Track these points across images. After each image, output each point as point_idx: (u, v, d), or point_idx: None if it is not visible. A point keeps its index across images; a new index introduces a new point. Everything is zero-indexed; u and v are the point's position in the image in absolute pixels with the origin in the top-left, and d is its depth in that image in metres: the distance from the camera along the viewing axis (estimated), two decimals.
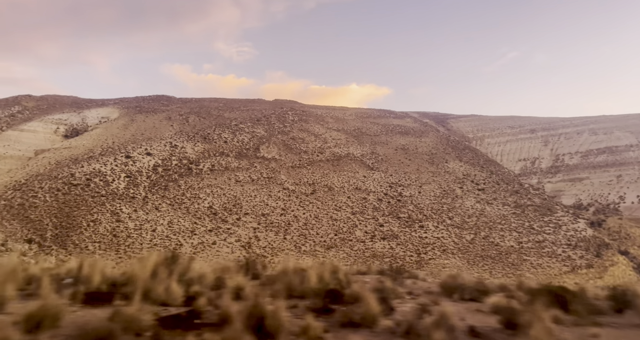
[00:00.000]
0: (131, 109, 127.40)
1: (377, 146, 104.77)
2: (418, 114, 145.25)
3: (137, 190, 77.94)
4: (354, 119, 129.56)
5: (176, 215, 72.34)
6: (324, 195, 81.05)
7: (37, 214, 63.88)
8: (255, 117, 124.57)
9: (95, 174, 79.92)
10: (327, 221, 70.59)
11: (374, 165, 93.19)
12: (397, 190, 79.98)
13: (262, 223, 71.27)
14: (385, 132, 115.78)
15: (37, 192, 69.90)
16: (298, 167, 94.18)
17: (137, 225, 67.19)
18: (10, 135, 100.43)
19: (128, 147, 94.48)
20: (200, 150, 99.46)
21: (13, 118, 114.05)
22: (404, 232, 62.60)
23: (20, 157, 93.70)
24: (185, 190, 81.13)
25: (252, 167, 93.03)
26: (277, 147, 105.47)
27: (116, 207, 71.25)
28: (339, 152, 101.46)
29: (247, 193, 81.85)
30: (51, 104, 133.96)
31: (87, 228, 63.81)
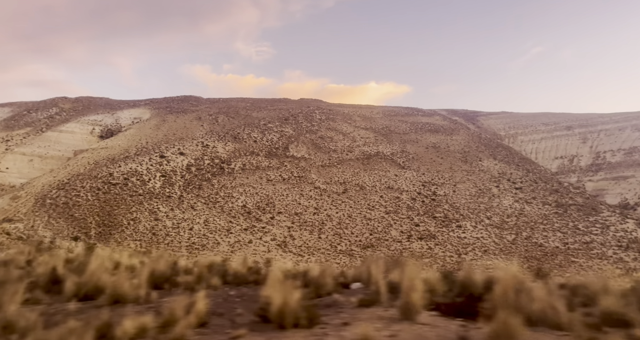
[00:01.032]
0: (162, 110, 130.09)
1: (407, 144, 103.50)
2: (446, 112, 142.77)
3: (172, 190, 79.50)
4: (382, 117, 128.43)
5: (211, 214, 73.38)
6: (356, 194, 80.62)
7: (81, 212, 65.97)
8: (282, 117, 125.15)
9: (132, 173, 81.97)
10: (360, 220, 70.18)
11: (405, 163, 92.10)
12: (430, 189, 78.79)
13: (296, 222, 71.47)
14: (414, 130, 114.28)
15: (79, 191, 72.20)
16: (328, 166, 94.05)
17: (174, 224, 68.53)
18: (50, 136, 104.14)
19: (162, 146, 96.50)
20: (231, 149, 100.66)
21: (52, 119, 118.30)
22: (441, 232, 61.58)
23: (60, 157, 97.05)
24: (219, 189, 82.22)
25: (282, 166, 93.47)
26: (306, 146, 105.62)
27: (154, 205, 72.87)
28: (369, 151, 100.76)
29: (279, 192, 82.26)
30: (86, 106, 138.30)
31: (127, 226, 65.51)
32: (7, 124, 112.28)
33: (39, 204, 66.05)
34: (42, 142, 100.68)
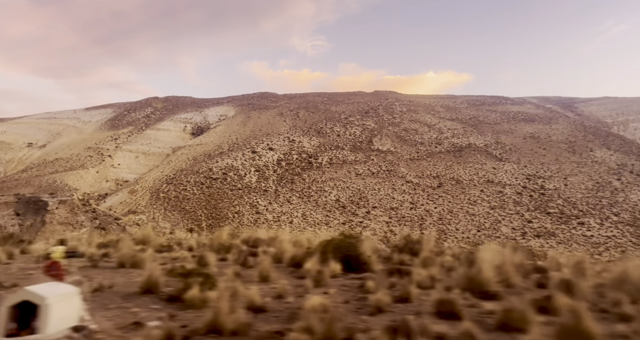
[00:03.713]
0: (245, 107, 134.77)
1: (501, 135, 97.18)
2: (537, 99, 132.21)
3: (267, 184, 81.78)
4: (467, 107, 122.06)
5: (307, 207, 74.34)
6: (453, 188, 77.18)
7: (191, 205, 70.10)
8: (362, 110, 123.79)
9: (229, 168, 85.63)
10: (463, 216, 66.95)
11: (502, 155, 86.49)
12: (537, 182, 73.10)
13: (393, 217, 70.02)
14: (506, 120, 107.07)
15: (185, 186, 76.82)
16: (417, 159, 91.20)
17: (274, 217, 70.37)
18: (150, 134, 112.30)
19: (251, 142, 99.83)
20: (316, 144, 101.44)
21: (148, 118, 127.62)
22: (561, 230, 56.64)
23: (160, 153, 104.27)
24: (310, 183, 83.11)
25: (369, 160, 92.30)
26: (390, 139, 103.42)
27: (253, 199, 75.44)
28: (459, 143, 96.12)
29: (370, 186, 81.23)
30: (174, 105, 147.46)
31: (233, 219, 68.42)
32: (112, 123, 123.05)
33: (154, 198, 71.22)
34: (144, 139, 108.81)
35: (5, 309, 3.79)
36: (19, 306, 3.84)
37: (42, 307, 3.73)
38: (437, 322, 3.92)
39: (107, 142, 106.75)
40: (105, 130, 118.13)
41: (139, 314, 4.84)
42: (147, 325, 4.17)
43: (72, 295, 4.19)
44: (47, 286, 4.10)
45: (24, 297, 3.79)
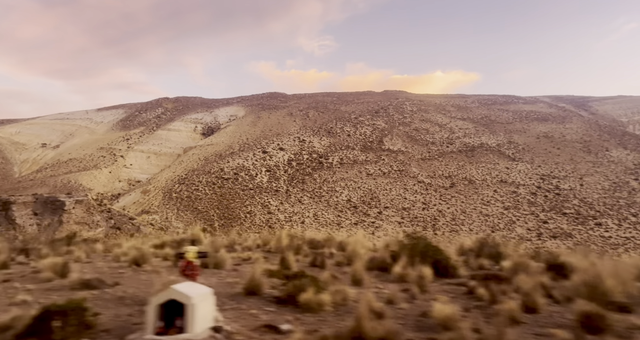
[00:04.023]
0: (254, 107, 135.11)
1: (514, 135, 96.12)
2: (549, 98, 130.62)
3: (278, 184, 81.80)
4: (478, 107, 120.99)
5: (319, 207, 74.20)
6: (465, 188, 76.48)
7: (203, 205, 70.38)
8: (372, 109, 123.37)
9: (240, 168, 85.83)
10: (477, 216, 66.29)
11: (515, 155, 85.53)
12: (551, 182, 72.13)
13: (406, 217, 69.57)
14: (518, 119, 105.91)
15: (197, 186, 77.15)
16: (428, 159, 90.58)
17: (286, 217, 70.33)
18: (161, 134, 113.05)
19: (262, 142, 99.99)
20: (326, 144, 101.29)
21: (159, 119, 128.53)
22: (578, 231, 55.79)
23: (171, 153, 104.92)
24: (321, 183, 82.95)
25: (380, 160, 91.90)
26: (401, 139, 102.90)
27: (264, 199, 75.49)
28: (471, 143, 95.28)
29: (382, 186, 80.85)
30: (185, 105, 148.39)
31: (245, 219, 68.55)
32: (123, 124, 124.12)
33: (167, 198, 71.63)
34: (155, 140, 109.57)
35: (153, 307, 3.77)
36: (164, 305, 3.83)
37: (189, 307, 3.71)
38: (590, 338, 3.64)
39: (119, 142, 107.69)
40: (117, 131, 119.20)
41: (259, 316, 4.73)
42: (281, 329, 4.07)
43: (209, 296, 4.17)
44: (188, 286, 4.08)
45: (171, 296, 3.77)
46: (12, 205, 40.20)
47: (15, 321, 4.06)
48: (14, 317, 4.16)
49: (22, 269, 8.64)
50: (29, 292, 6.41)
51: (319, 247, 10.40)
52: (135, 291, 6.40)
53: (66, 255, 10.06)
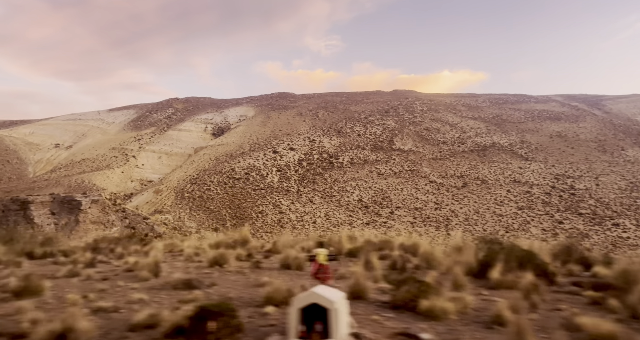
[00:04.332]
0: (264, 107, 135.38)
1: (526, 134, 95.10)
2: (562, 97, 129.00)
3: (289, 184, 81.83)
4: (489, 106, 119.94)
5: (330, 207, 74.07)
6: (478, 188, 75.83)
7: (215, 205, 70.64)
8: (382, 109, 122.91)
9: (251, 168, 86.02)
10: (490, 216, 65.66)
11: (528, 155, 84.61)
12: (566, 182, 71.20)
13: (418, 217, 69.15)
14: (531, 119, 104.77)
15: (209, 186, 77.47)
16: (440, 159, 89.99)
17: (298, 217, 70.31)
18: (172, 134, 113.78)
19: (272, 142, 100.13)
20: (336, 144, 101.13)
21: (170, 119, 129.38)
22: (595, 231, 54.96)
23: (182, 154, 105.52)
24: (332, 183, 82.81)
25: (390, 160, 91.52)
26: (411, 138, 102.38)
27: (275, 199, 75.56)
28: (483, 142, 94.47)
29: (393, 186, 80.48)
30: (195, 105, 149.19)
31: (257, 219, 68.66)
32: (135, 124, 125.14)
33: (179, 197, 72.02)
34: (166, 140, 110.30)
35: (295, 311, 3.68)
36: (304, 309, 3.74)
37: (331, 311, 3.60)
38: None
39: (130, 142, 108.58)
40: (129, 131, 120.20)
41: (382, 322, 4.57)
42: (422, 338, 3.91)
43: (344, 300, 4.07)
44: (326, 289, 3.98)
45: (313, 299, 3.67)
46: (30, 204, 40.66)
47: (154, 319, 4.03)
48: (151, 314, 4.14)
49: (111, 268, 8.71)
50: (137, 290, 6.44)
51: (382, 250, 10.21)
52: (237, 292, 6.30)
53: (142, 254, 10.05)
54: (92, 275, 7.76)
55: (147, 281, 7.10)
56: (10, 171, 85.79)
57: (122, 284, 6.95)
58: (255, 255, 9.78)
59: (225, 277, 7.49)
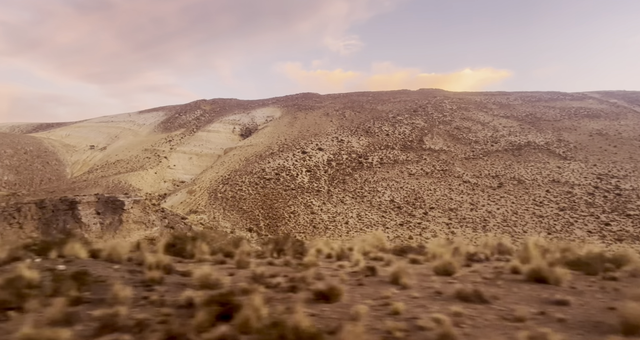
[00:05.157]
0: (290, 108, 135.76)
1: (563, 132, 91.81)
2: (599, 94, 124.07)
3: (319, 184, 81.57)
4: (522, 104, 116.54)
5: (362, 208, 73.38)
6: (515, 188, 73.58)
7: (248, 205, 71.06)
8: (410, 108, 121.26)
9: (281, 169, 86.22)
10: (530, 218, 63.52)
11: (566, 154, 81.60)
12: (610, 182, 68.22)
13: (453, 218, 67.62)
14: (567, 117, 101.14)
15: (241, 186, 78.04)
16: (473, 159, 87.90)
17: (330, 217, 69.92)
18: (201, 135, 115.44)
19: (301, 143, 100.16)
20: (365, 144, 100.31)
21: (198, 120, 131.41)
22: None
23: (212, 155, 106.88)
24: (362, 183, 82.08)
25: (421, 160, 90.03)
26: (442, 137, 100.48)
27: (307, 199, 75.41)
28: (517, 141, 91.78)
29: (425, 186, 79.07)
30: (222, 107, 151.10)
31: (289, 219, 68.66)
32: (165, 126, 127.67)
33: (213, 198, 72.80)
34: (196, 141, 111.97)
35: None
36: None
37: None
38: None
39: (162, 144, 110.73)
40: (159, 133, 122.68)
41: None
42: None
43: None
44: None
45: None
46: (78, 204, 41.64)
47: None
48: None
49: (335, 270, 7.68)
50: (418, 299, 5.62)
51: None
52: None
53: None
54: (346, 280, 6.66)
55: (406, 289, 6.19)
56: (50, 172, 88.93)
57: (396, 291, 6.01)
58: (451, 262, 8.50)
59: (497, 289, 6.30)
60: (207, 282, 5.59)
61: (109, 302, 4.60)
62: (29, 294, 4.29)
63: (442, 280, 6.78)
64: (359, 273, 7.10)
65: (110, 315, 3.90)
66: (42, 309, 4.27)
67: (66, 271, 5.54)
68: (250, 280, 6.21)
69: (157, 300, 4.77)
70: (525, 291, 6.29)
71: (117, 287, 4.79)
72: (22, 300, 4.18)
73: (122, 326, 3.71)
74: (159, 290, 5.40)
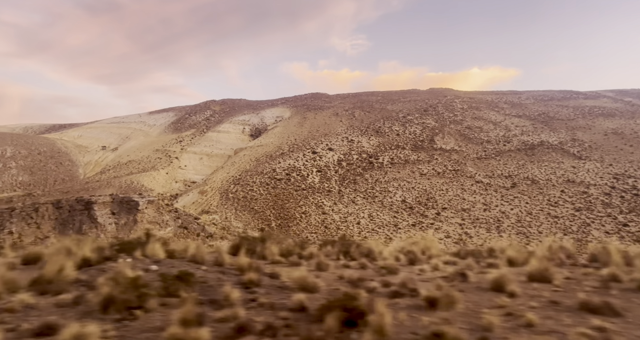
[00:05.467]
0: (299, 108, 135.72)
1: (577, 132, 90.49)
2: (613, 93, 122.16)
3: (330, 184, 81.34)
4: (534, 103, 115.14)
5: (373, 208, 72.98)
6: (529, 188, 72.63)
7: (259, 205, 71.08)
8: (421, 108, 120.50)
9: (291, 169, 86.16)
10: (545, 218, 62.61)
11: (581, 153, 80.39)
12: (627, 182, 67.02)
13: (467, 219, 66.93)
14: (581, 116, 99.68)
15: (252, 186, 78.12)
16: (485, 158, 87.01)
17: (341, 218, 69.65)
18: (211, 136, 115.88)
19: (311, 143, 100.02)
20: (375, 143, 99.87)
21: (208, 121, 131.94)
22: None
23: (222, 155, 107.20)
24: (373, 183, 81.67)
25: (432, 160, 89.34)
26: (453, 137, 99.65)
27: (318, 200, 75.22)
28: (530, 141, 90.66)
29: (437, 186, 78.42)
30: (231, 107, 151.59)
31: (300, 219, 68.52)
32: (175, 126, 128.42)
33: (224, 198, 72.95)
34: (206, 141, 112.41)
35: None
36: None
37: None
38: None
39: (172, 144, 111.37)
40: (170, 133, 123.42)
41: None
42: None
43: None
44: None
45: None
46: (94, 205, 41.92)
47: None
48: None
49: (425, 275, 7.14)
50: (538, 310, 5.05)
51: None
52: None
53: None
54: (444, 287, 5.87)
55: (514, 297, 5.57)
56: (63, 172, 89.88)
57: (507, 299, 5.43)
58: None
59: (616, 300, 5.54)
60: (306, 285, 5.37)
61: (222, 303, 4.43)
62: (148, 294, 4.18)
63: (545, 288, 6.17)
64: (450, 278, 6.63)
65: (231, 317, 3.78)
66: (163, 309, 4.16)
67: (169, 271, 5.41)
68: (349, 285, 5.92)
69: (267, 303, 4.60)
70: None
71: (227, 288, 4.64)
72: (142, 299, 4.08)
73: (254, 329, 3.56)
74: (259, 292, 5.23)
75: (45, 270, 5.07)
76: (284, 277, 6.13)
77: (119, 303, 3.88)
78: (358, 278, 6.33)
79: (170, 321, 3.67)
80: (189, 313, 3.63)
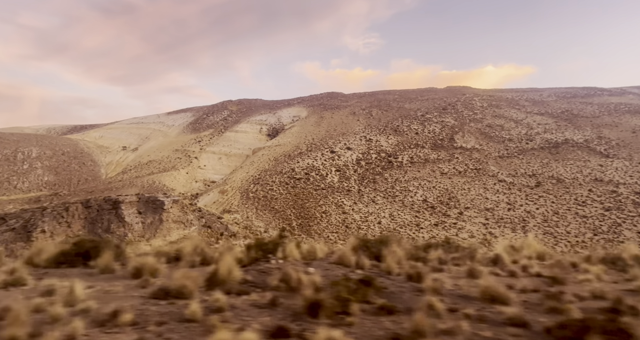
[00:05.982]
0: (316, 107, 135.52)
1: (603, 129, 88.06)
2: (638, 89, 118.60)
3: (349, 184, 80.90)
4: (556, 100, 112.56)
5: (394, 208, 72.27)
6: (554, 188, 70.93)
7: (280, 205, 71.11)
8: (439, 106, 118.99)
9: (310, 168, 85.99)
10: (572, 218, 61.03)
11: (608, 151, 78.19)
12: None
13: (490, 218, 65.70)
14: (607, 113, 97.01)
15: (272, 186, 78.22)
16: (507, 157, 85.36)
17: (362, 217, 69.17)
18: (229, 136, 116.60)
19: (329, 142, 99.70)
20: (394, 142, 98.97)
21: (226, 121, 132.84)
22: None
23: (240, 155, 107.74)
24: (393, 183, 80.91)
25: (453, 158, 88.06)
26: (473, 135, 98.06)
27: (337, 199, 74.87)
28: (553, 139, 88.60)
29: (459, 186, 77.22)
30: (248, 107, 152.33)
31: (321, 219, 68.29)
32: (193, 127, 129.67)
33: (245, 197, 73.22)
34: (225, 141, 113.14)
35: None
36: None
37: None
38: None
39: (191, 144, 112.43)
40: (188, 133, 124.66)
41: None
42: None
43: None
44: None
45: None
46: (121, 204, 42.39)
47: None
48: None
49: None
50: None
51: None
52: None
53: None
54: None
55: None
56: (86, 173, 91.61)
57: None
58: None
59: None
60: (496, 296, 4.80)
61: (423, 313, 4.02)
62: (350, 299, 3.93)
63: None
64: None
65: (457, 329, 3.45)
66: (365, 316, 3.88)
67: (349, 275, 5.14)
68: (544, 297, 5.17)
69: (474, 315, 4.14)
70: None
71: (429, 297, 4.30)
72: (346, 305, 3.82)
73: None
74: (446, 301, 4.70)
75: (217, 270, 4.97)
76: (447, 284, 5.59)
77: (327, 308, 3.61)
78: (521, 288, 5.57)
79: (394, 330, 3.35)
80: (420, 323, 3.32)
